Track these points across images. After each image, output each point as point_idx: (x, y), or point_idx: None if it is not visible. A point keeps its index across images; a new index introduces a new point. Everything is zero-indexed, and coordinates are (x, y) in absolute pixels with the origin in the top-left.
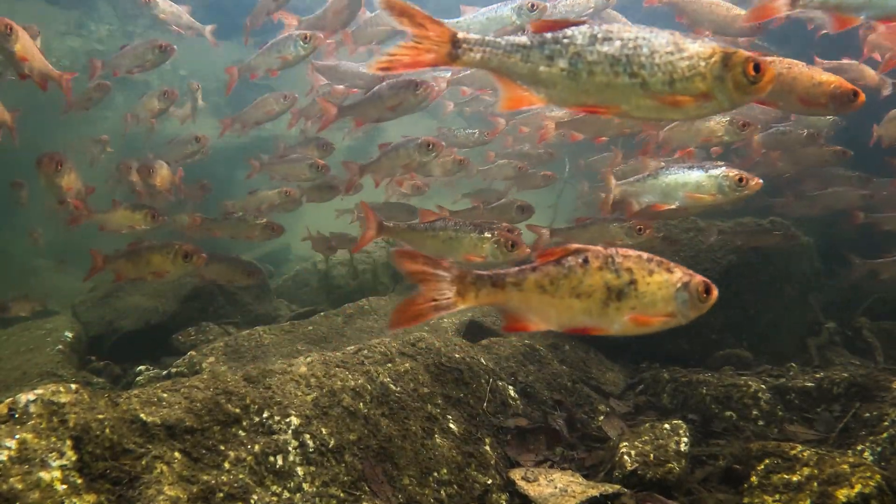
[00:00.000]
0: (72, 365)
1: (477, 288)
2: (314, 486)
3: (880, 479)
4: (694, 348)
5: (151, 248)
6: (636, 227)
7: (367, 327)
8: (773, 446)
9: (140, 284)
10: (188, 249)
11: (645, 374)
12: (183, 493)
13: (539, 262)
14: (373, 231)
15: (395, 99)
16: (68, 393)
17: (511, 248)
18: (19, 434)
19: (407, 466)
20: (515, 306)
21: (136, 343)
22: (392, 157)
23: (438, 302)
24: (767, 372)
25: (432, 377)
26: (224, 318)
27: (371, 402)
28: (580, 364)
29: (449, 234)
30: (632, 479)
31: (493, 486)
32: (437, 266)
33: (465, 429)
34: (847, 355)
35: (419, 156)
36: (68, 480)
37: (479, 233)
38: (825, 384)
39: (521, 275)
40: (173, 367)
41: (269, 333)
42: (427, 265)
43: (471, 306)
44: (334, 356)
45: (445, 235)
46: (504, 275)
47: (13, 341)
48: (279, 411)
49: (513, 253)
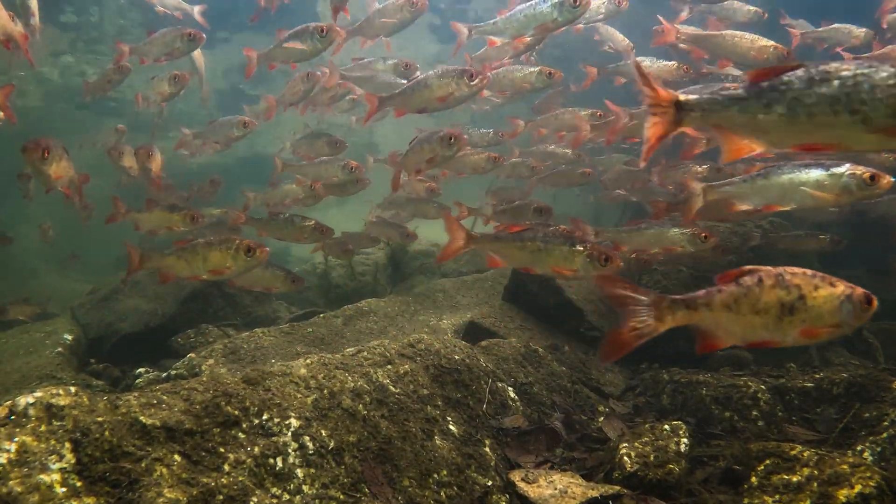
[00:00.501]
0: (71, 367)
1: (673, 311)
2: (314, 487)
3: (880, 479)
4: (694, 348)
5: (209, 244)
6: (700, 234)
7: (367, 329)
8: (773, 447)
9: (139, 287)
10: (250, 244)
11: (644, 375)
12: (182, 495)
13: (721, 284)
14: (460, 242)
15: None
16: (67, 395)
17: (604, 262)
18: (18, 437)
19: (407, 468)
20: (706, 326)
21: (135, 345)
22: (416, 151)
23: (640, 330)
24: (767, 372)
25: (432, 379)
26: (223, 320)
27: (371, 404)
28: (580, 365)
29: (538, 246)
30: (632, 480)
31: (492, 488)
32: (637, 292)
33: (465, 430)
34: (847, 355)
35: (441, 150)
36: (68, 483)
37: (570, 245)
38: (825, 384)
39: (710, 296)
40: (173, 370)
41: (268, 335)
42: (629, 291)
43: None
44: (334, 358)
45: (534, 247)
46: (695, 297)
47: (12, 344)
48: (279, 413)
49: (606, 268)
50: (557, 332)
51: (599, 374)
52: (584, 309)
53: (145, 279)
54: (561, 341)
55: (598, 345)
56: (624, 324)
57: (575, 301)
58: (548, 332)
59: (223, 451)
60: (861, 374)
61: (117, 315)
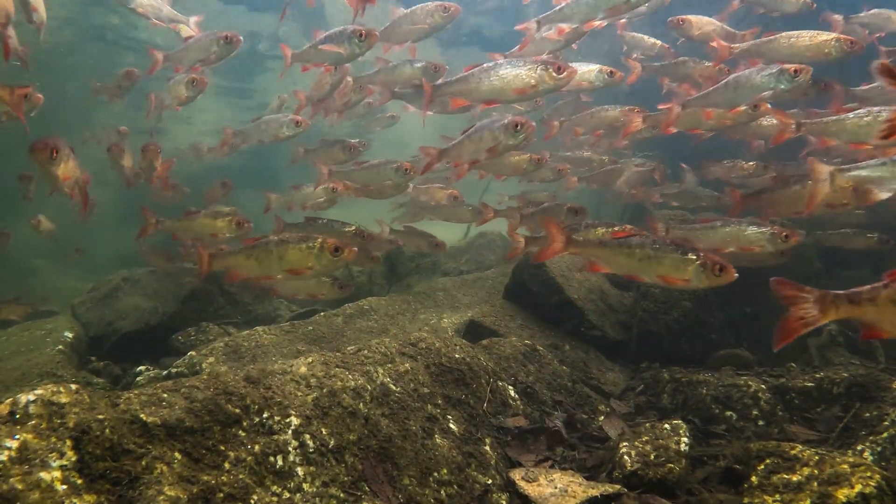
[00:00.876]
0: (72, 365)
1: (836, 305)
2: (314, 486)
3: (880, 479)
4: (694, 348)
5: (284, 241)
6: (781, 233)
7: (367, 327)
8: (773, 446)
9: (139, 285)
10: (337, 242)
11: (645, 375)
12: (183, 493)
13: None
14: (559, 244)
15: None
16: (68, 393)
17: (719, 272)
18: (19, 434)
19: (407, 466)
20: (870, 319)
21: (135, 343)
22: (475, 139)
23: (805, 319)
24: (767, 372)
25: (432, 377)
26: (224, 318)
27: (371, 403)
28: (580, 364)
29: (647, 253)
30: (632, 479)
31: (493, 487)
32: (802, 290)
33: (466, 429)
34: (847, 355)
35: (505, 138)
36: (68, 481)
37: (683, 253)
38: (825, 384)
39: (875, 292)
40: (173, 368)
41: (268, 333)
42: (795, 290)
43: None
44: (334, 356)
45: (643, 254)
46: (859, 292)
47: (13, 341)
48: (279, 411)
49: (720, 278)
50: (558, 331)
51: (600, 374)
52: (584, 308)
53: (145, 277)
54: (562, 340)
55: (598, 344)
56: (791, 314)
57: (576, 300)
58: (548, 331)
59: (224, 449)
60: (861, 373)
61: (118, 313)
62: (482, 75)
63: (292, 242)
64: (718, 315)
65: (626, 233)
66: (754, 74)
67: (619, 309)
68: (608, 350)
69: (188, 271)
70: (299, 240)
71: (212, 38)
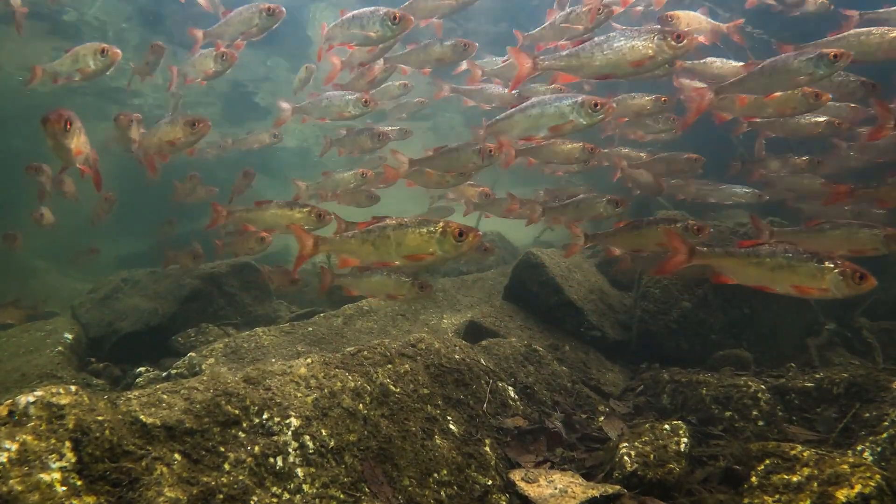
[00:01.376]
0: (71, 366)
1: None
2: (314, 487)
3: (880, 479)
4: (694, 348)
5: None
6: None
7: (367, 328)
8: (773, 447)
9: (139, 286)
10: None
11: (645, 375)
12: (183, 494)
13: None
14: (682, 256)
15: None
16: (68, 394)
17: (860, 280)
18: (19, 436)
19: (407, 467)
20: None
21: (135, 344)
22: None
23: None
24: (767, 372)
25: (432, 378)
26: (224, 319)
27: (371, 403)
28: (580, 365)
29: (779, 262)
30: (632, 480)
31: (493, 487)
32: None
33: (465, 430)
34: (847, 356)
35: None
36: (68, 482)
37: (819, 262)
38: (825, 384)
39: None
40: (173, 369)
41: (268, 334)
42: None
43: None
44: (334, 357)
45: (775, 263)
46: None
47: (13, 343)
48: (279, 412)
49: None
50: (558, 332)
51: (600, 374)
52: (584, 309)
53: (145, 278)
54: (561, 341)
55: (598, 344)
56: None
57: (575, 301)
58: (548, 332)
59: (223, 451)
60: (861, 374)
61: (118, 314)
62: (594, 49)
63: (412, 226)
64: (718, 315)
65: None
66: (791, 59)
67: (619, 309)
68: (608, 350)
69: (188, 272)
70: (419, 223)
71: (254, 10)
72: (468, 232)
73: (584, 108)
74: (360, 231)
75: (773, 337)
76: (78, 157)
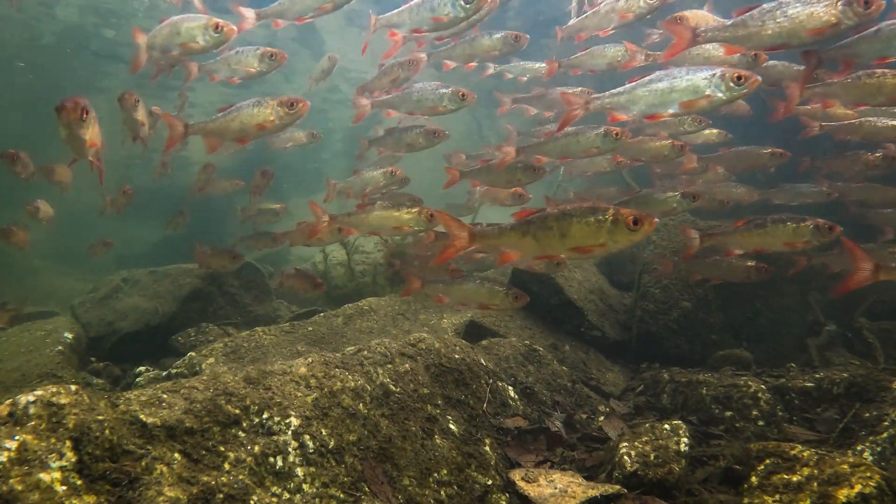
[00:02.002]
0: (71, 366)
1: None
2: (314, 486)
3: (880, 479)
4: (694, 348)
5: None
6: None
7: (367, 328)
8: (773, 446)
9: (139, 285)
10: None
11: (645, 375)
12: (183, 494)
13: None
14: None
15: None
16: (68, 394)
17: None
18: (19, 435)
19: (407, 467)
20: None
21: (135, 344)
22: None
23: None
24: (767, 372)
25: (432, 378)
26: (224, 318)
27: (371, 403)
28: (580, 365)
29: None
30: (632, 480)
31: (493, 487)
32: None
33: (465, 429)
34: (847, 355)
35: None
36: (68, 481)
37: None
38: (825, 384)
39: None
40: (173, 368)
41: (268, 334)
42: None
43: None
44: (334, 357)
45: None
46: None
47: (13, 342)
48: (279, 412)
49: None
50: (558, 332)
51: (600, 374)
52: (584, 308)
53: (145, 278)
54: (561, 341)
55: (598, 344)
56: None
57: (576, 301)
58: (548, 332)
59: (223, 450)
60: (861, 374)
61: (118, 314)
62: (765, 16)
63: (577, 215)
64: (718, 315)
65: None
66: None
67: (619, 309)
68: (608, 350)
69: (188, 272)
70: (586, 212)
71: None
72: (643, 219)
73: (724, 81)
74: (518, 223)
75: (773, 337)
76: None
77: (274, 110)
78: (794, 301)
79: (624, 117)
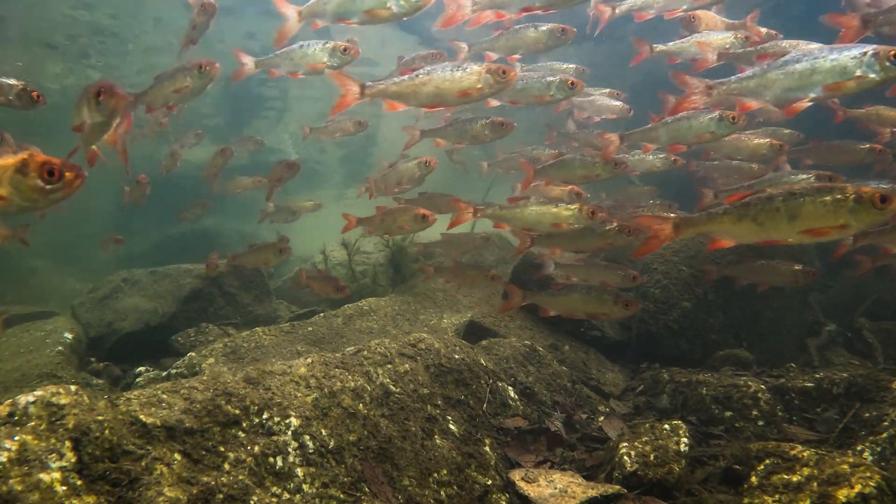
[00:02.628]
0: (71, 366)
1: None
2: (314, 487)
3: (880, 479)
4: (694, 348)
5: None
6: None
7: (367, 328)
8: (773, 446)
9: (139, 285)
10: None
11: (645, 375)
12: (183, 494)
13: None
14: None
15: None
16: (68, 394)
17: None
18: (19, 435)
19: (407, 467)
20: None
21: (135, 344)
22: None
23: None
24: (767, 372)
25: (432, 378)
26: (223, 319)
27: (371, 403)
28: (580, 365)
29: None
30: (632, 480)
31: (492, 487)
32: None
33: (465, 430)
34: (847, 355)
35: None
36: (68, 482)
37: None
38: (825, 384)
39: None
40: (173, 369)
41: (268, 334)
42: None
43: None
44: (334, 357)
45: None
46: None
47: (13, 342)
48: (279, 412)
49: None
50: (558, 332)
51: (600, 374)
52: None
53: (145, 278)
54: (561, 341)
55: (598, 344)
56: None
57: None
58: (548, 332)
59: (223, 450)
60: (861, 374)
61: (118, 314)
62: None
63: (809, 194)
64: (718, 315)
65: None
66: None
67: None
68: (608, 350)
69: (188, 272)
70: (818, 190)
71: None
72: (892, 197)
73: (878, 60)
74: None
75: (773, 337)
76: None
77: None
78: (794, 301)
79: (754, 105)
